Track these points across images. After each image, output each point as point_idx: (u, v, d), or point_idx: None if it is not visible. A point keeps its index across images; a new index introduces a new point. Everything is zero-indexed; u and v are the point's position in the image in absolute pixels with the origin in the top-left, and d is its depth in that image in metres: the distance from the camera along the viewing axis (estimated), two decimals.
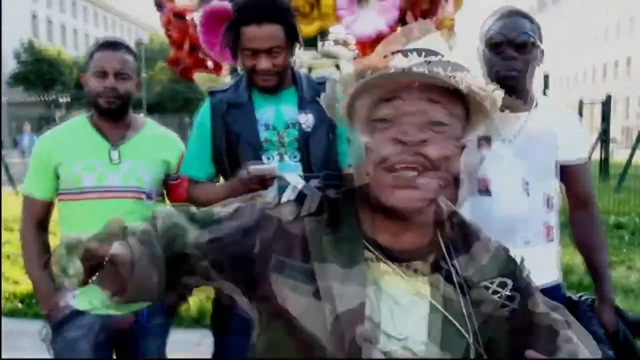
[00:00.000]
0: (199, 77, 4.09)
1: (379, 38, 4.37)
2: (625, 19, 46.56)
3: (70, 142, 1.98)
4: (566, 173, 1.84)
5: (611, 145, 12.92)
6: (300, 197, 0.95)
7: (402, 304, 0.90)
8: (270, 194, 0.97)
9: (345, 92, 0.91)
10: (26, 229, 2.02)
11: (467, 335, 0.91)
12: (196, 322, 3.75)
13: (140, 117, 2.13)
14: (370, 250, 0.92)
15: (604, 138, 12.13)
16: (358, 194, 0.96)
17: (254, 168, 1.73)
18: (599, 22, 49.94)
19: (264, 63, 1.82)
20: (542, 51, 1.79)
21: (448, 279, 0.92)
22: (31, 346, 3.32)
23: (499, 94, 0.90)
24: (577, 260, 1.93)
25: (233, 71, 5.28)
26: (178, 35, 4.42)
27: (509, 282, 0.95)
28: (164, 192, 2.10)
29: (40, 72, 36.34)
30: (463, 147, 0.92)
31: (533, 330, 0.97)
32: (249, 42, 1.80)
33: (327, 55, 4.60)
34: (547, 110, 1.83)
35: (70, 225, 1.96)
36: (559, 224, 1.88)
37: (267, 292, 0.91)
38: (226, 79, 4.86)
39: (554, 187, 1.84)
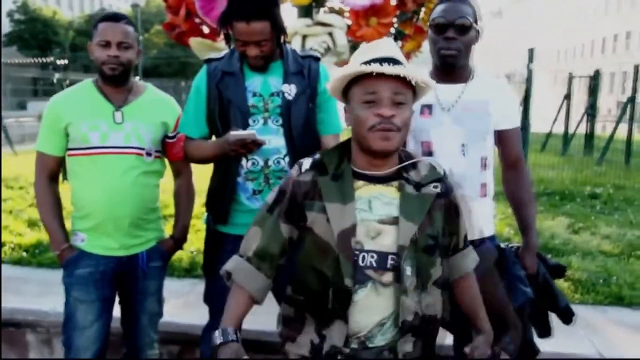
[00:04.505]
0: (194, 42, 4.17)
1: (372, 8, 4.51)
2: None
3: (78, 104, 2.19)
4: (499, 137, 2.08)
5: (603, 119, 13.03)
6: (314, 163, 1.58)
7: (383, 201, 1.52)
8: (295, 168, 1.60)
9: (340, 84, 1.52)
10: (40, 182, 2.24)
11: (422, 212, 1.52)
12: (187, 272, 4.00)
13: (142, 83, 2.34)
14: (361, 179, 1.53)
15: (591, 112, 12.31)
16: (353, 144, 1.57)
17: (234, 134, 1.99)
18: None
19: (252, 51, 2.05)
20: (478, 31, 2.01)
21: (408, 182, 1.54)
22: (33, 291, 3.62)
23: (432, 83, 1.51)
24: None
25: (228, 37, 5.38)
26: (174, 0, 4.52)
27: (440, 184, 1.57)
28: (162, 149, 2.30)
29: (34, 32, 35.97)
30: (412, 113, 1.53)
31: (457, 214, 1.63)
32: (239, 35, 2.03)
33: (321, 24, 4.66)
34: (482, 81, 2.06)
35: (78, 177, 2.19)
36: (493, 182, 2.12)
37: (304, 221, 1.55)
38: (221, 45, 4.97)
39: (489, 150, 2.07)
